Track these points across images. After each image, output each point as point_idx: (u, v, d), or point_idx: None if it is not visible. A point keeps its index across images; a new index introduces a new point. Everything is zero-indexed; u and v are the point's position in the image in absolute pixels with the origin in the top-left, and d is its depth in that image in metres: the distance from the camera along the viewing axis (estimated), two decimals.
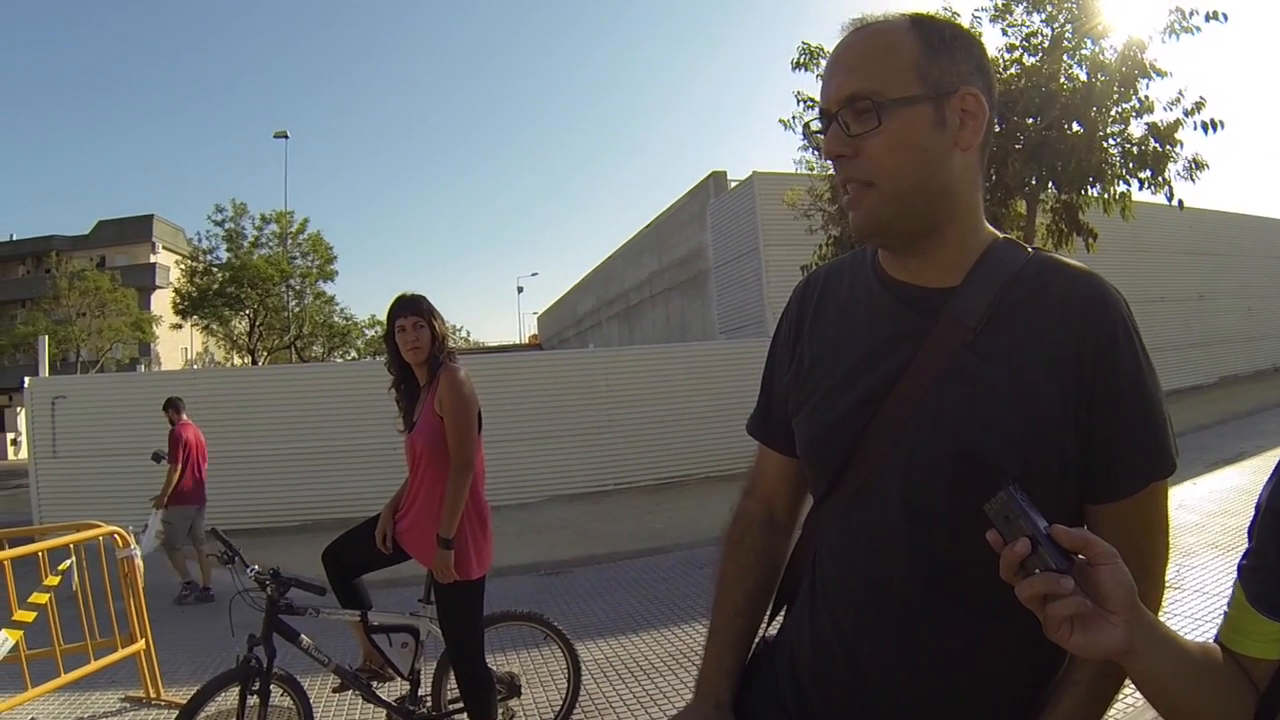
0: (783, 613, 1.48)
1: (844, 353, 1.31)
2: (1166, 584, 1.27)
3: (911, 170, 1.17)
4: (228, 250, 32.72)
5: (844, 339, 1.32)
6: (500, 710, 3.94)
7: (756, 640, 1.50)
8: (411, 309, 3.66)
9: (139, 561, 5.31)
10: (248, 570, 3.61)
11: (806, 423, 1.35)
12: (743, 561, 1.51)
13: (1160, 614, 1.25)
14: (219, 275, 32.73)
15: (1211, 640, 1.08)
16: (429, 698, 3.95)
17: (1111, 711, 1.20)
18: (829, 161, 1.25)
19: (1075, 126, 10.74)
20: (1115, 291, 1.19)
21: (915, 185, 1.17)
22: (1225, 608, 1.07)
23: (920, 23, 1.20)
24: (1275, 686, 1.01)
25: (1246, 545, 1.05)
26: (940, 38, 1.19)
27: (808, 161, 13.47)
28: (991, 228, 1.29)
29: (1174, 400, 18.56)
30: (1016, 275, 1.21)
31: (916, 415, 1.20)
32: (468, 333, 75.67)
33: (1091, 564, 0.93)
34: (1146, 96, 10.62)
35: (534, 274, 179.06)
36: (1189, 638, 1.04)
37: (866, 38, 1.20)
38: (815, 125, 1.26)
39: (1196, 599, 5.46)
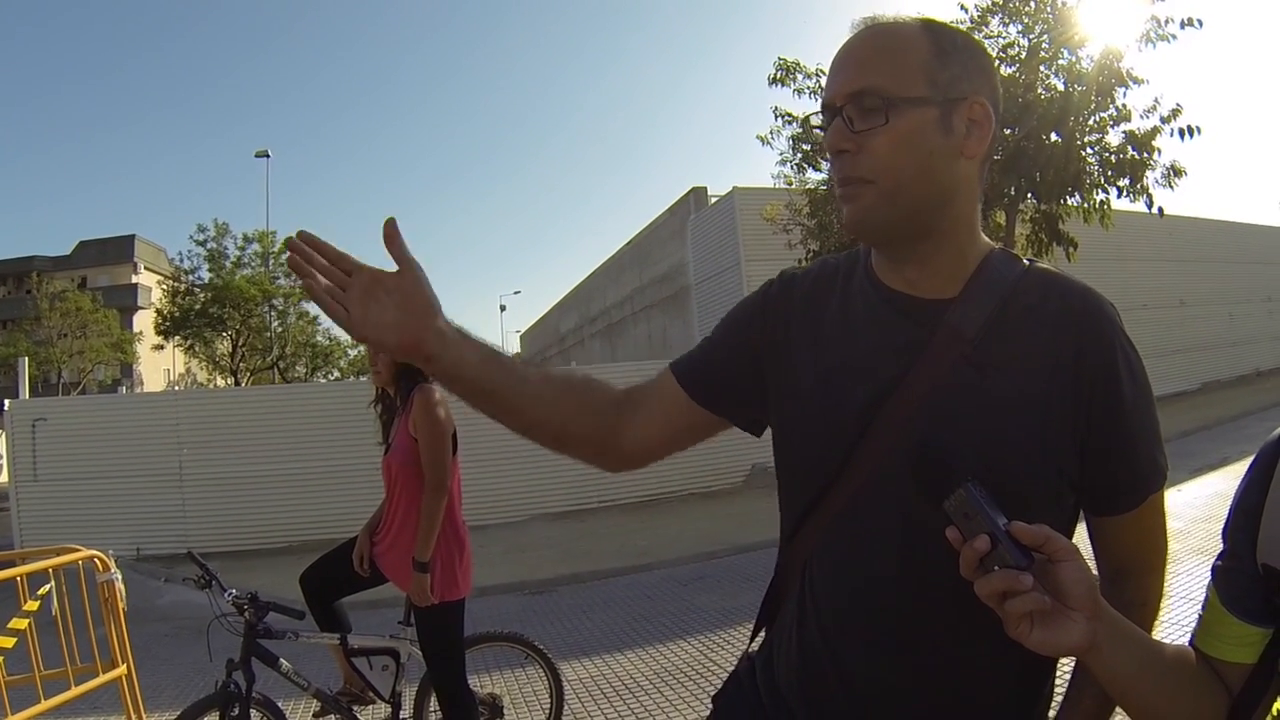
0: (762, 633, 1.45)
1: (839, 362, 1.27)
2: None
3: (914, 171, 1.16)
4: (210, 270, 32.48)
5: (838, 347, 1.29)
6: None
7: (739, 658, 1.49)
8: None
9: (120, 586, 5.25)
10: (225, 594, 3.58)
11: (798, 431, 1.32)
12: (567, 380, 1.51)
13: (1161, 605, 1.32)
14: (201, 296, 32.47)
15: (1187, 644, 1.08)
16: None
17: None
18: (828, 156, 1.22)
19: (1053, 136, 10.82)
20: (1110, 305, 1.21)
21: (915, 187, 1.16)
22: (1200, 611, 1.07)
23: (932, 27, 1.20)
24: (1248, 690, 1.01)
25: (1221, 547, 1.06)
26: (952, 44, 1.19)
27: (786, 176, 13.52)
28: (987, 239, 1.28)
29: (1158, 407, 18.44)
30: (1014, 288, 1.21)
31: (912, 426, 1.18)
32: None
33: (1052, 560, 0.93)
34: (1124, 105, 10.71)
35: (517, 292, 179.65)
36: (1174, 644, 1.04)
37: (877, 36, 1.19)
38: (816, 120, 1.24)
39: (1182, 605, 5.46)
